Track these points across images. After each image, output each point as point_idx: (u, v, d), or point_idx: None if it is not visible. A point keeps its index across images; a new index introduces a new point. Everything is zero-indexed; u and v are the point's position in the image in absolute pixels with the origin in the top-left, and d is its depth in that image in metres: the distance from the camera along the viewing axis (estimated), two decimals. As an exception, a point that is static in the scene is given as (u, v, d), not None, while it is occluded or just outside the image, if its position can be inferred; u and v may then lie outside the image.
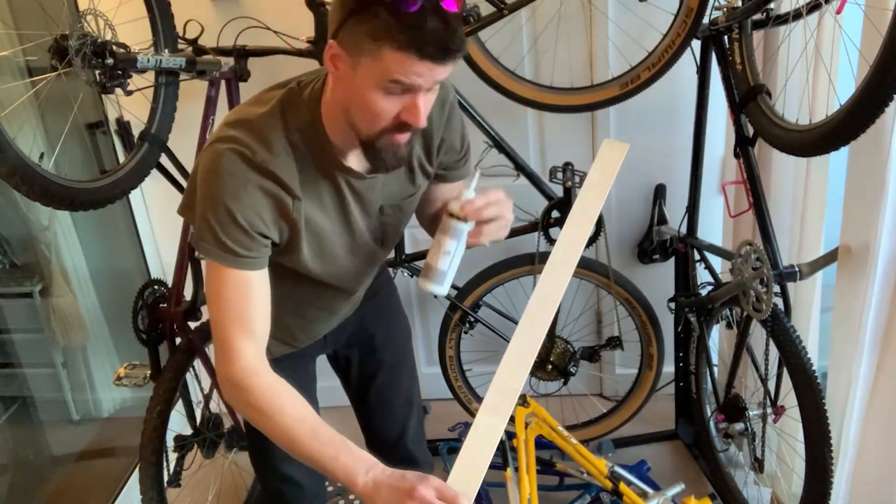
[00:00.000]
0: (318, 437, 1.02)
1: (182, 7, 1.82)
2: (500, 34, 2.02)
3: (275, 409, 1.04)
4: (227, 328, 1.07)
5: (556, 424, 1.83)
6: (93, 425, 2.56)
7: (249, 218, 1.04)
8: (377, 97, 0.97)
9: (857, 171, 1.47)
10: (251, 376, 1.05)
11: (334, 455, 1.01)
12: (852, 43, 1.36)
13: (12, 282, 2.36)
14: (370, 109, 0.99)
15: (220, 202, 1.03)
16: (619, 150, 1.39)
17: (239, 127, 1.05)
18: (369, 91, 0.97)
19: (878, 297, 1.45)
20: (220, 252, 1.05)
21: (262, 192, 1.05)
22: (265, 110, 1.06)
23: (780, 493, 1.96)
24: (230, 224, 1.03)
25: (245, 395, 1.05)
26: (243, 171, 1.03)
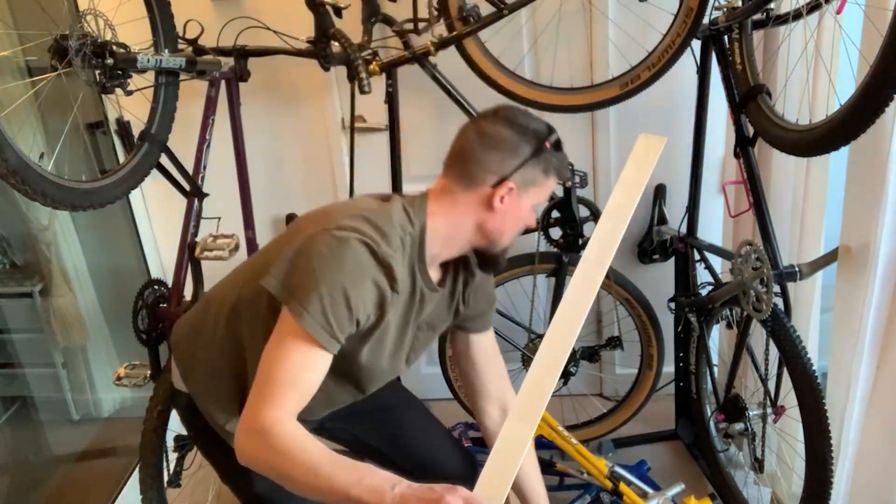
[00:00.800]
0: (339, 465, 1.02)
1: (182, 7, 1.82)
2: (500, 34, 2.02)
3: (297, 448, 1.04)
4: (278, 387, 1.09)
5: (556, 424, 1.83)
6: (93, 425, 2.56)
7: (357, 305, 1.12)
8: (529, 212, 1.27)
9: (857, 171, 1.47)
10: (280, 423, 1.06)
11: (358, 479, 1.00)
12: (852, 43, 1.36)
13: (12, 282, 2.36)
14: (522, 224, 1.27)
15: (341, 284, 1.10)
16: (656, 145, 1.38)
17: (361, 221, 1.15)
18: (528, 211, 1.26)
19: (878, 297, 1.45)
20: (320, 328, 1.10)
21: (375, 284, 1.14)
22: (383, 210, 1.20)
23: (780, 493, 1.96)
24: (342, 306, 1.10)
25: (271, 440, 1.05)
26: (367, 262, 1.12)
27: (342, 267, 1.10)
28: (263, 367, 1.11)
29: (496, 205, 1.21)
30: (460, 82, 1.99)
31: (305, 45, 1.87)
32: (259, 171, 2.33)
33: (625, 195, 1.31)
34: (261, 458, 1.06)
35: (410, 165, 2.34)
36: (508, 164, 1.21)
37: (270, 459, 1.05)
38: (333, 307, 1.09)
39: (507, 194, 1.21)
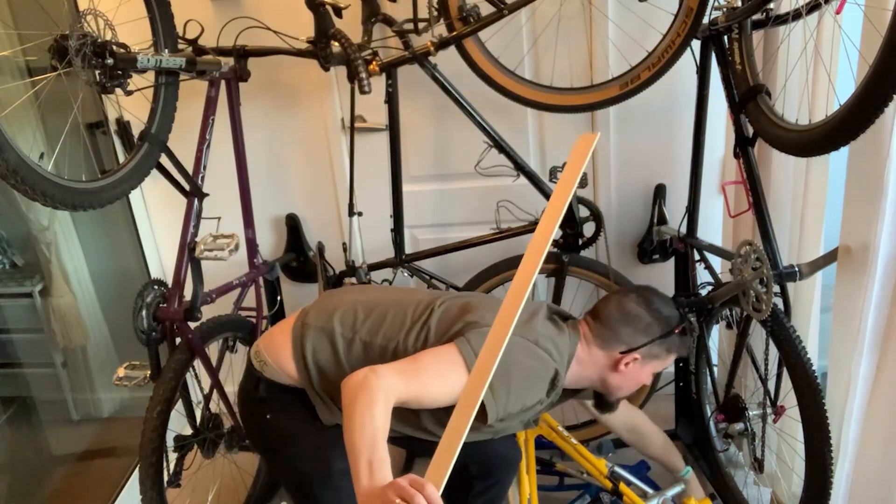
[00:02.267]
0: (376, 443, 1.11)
1: (182, 7, 1.82)
2: (500, 34, 2.02)
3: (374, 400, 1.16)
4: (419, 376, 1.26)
5: (556, 424, 1.83)
6: (93, 425, 2.56)
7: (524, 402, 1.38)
8: (649, 378, 1.54)
9: (857, 171, 1.46)
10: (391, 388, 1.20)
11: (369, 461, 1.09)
12: (852, 43, 1.36)
13: (12, 282, 2.36)
14: (638, 384, 1.54)
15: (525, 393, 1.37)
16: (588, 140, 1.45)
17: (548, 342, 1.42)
18: (646, 376, 1.52)
19: (877, 297, 1.45)
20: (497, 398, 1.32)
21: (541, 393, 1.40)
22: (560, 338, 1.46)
23: (780, 493, 1.96)
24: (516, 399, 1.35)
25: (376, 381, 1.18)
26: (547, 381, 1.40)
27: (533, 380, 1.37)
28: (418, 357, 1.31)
29: (621, 368, 1.47)
30: (460, 82, 1.99)
31: (305, 45, 1.88)
32: (259, 171, 2.33)
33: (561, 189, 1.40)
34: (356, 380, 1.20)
35: (410, 165, 2.35)
36: (638, 340, 1.47)
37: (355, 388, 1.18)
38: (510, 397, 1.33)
39: (633, 362, 1.47)
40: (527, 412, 1.43)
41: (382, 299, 1.54)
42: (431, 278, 2.19)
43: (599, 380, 1.52)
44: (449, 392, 1.27)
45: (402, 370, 1.25)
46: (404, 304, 1.51)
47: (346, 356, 1.45)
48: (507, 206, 2.15)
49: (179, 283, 1.81)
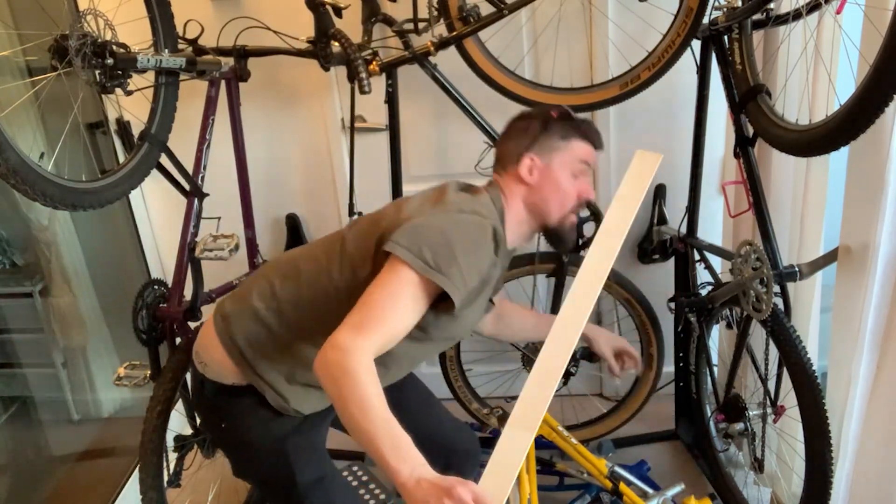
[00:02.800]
0: (390, 422, 1.07)
1: (182, 7, 1.82)
2: (500, 34, 2.02)
3: (364, 381, 1.10)
4: (377, 317, 1.17)
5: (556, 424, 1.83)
6: (93, 425, 2.56)
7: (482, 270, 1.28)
8: (569, 181, 1.41)
9: (857, 171, 1.47)
10: (361, 351, 1.12)
11: (393, 444, 1.05)
12: (852, 43, 1.36)
13: (12, 282, 2.36)
14: (564, 191, 1.40)
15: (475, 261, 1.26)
16: (652, 161, 1.46)
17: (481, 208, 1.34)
18: (565, 179, 1.40)
19: (878, 297, 1.45)
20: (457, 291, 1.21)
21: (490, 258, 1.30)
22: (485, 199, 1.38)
23: (780, 493, 1.96)
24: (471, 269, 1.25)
25: (346, 358, 1.11)
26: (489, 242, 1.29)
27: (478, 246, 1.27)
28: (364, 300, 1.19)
29: (526, 177, 1.39)
30: (460, 82, 1.99)
31: (305, 45, 1.87)
32: (259, 171, 2.33)
33: (622, 211, 1.37)
34: (329, 370, 1.12)
35: (410, 165, 2.34)
36: (523, 143, 1.41)
37: (336, 374, 1.11)
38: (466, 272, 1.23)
39: (533, 166, 1.39)
40: (486, 286, 1.33)
41: (291, 257, 1.47)
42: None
43: (529, 212, 1.42)
44: (413, 310, 1.21)
45: (360, 324, 1.16)
46: (313, 250, 1.44)
47: (281, 327, 1.37)
48: (507, 206, 2.15)
49: (179, 282, 1.81)
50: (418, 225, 1.25)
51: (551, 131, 1.41)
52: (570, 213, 1.42)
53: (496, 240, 1.30)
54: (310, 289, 1.36)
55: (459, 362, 2.33)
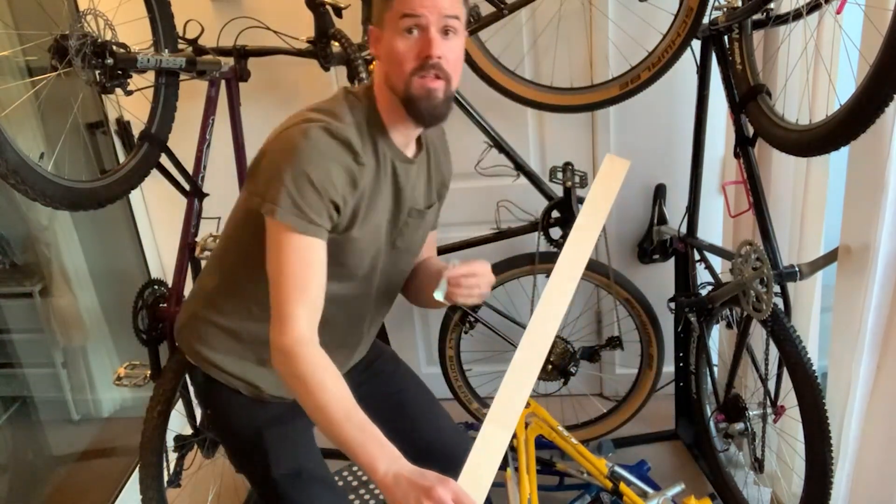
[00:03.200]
0: (352, 419, 1.06)
1: (182, 7, 1.82)
2: (500, 34, 2.02)
3: (318, 383, 1.08)
4: (287, 295, 1.13)
5: (556, 424, 1.83)
6: (93, 425, 2.56)
7: (326, 186, 1.15)
8: (399, 41, 1.16)
9: (857, 171, 1.47)
10: (302, 346, 1.10)
11: (362, 441, 1.04)
12: (852, 43, 1.36)
13: (12, 282, 2.36)
14: (397, 54, 1.17)
15: (302, 170, 1.13)
16: (620, 167, 1.45)
17: (312, 112, 1.19)
18: (394, 41, 1.17)
19: (878, 297, 1.45)
20: (292, 217, 1.13)
21: (339, 163, 1.17)
22: (331, 99, 1.24)
23: (780, 493, 1.96)
24: (308, 189, 1.13)
25: (294, 365, 1.10)
26: (324, 142, 1.15)
27: (300, 154, 1.13)
28: (270, 282, 1.15)
29: (374, 51, 1.24)
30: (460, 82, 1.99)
31: (305, 45, 1.87)
32: (259, 171, 2.32)
33: (592, 213, 1.36)
34: (287, 381, 1.12)
35: (410, 165, 2.35)
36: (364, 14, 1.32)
37: (293, 385, 1.10)
38: (301, 193, 1.12)
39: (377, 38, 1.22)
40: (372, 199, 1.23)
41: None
42: (431, 278, 2.19)
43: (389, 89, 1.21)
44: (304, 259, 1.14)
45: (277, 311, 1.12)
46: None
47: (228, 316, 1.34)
48: (507, 206, 2.15)
49: (179, 283, 1.82)
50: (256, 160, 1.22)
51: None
52: (413, 77, 1.17)
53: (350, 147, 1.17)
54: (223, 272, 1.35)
55: (459, 362, 2.33)
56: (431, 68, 1.16)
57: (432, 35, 1.15)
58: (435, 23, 1.15)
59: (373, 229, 1.27)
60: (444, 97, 1.19)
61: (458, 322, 2.24)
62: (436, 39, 1.15)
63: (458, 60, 1.21)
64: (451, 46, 1.18)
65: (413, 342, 2.64)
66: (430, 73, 1.16)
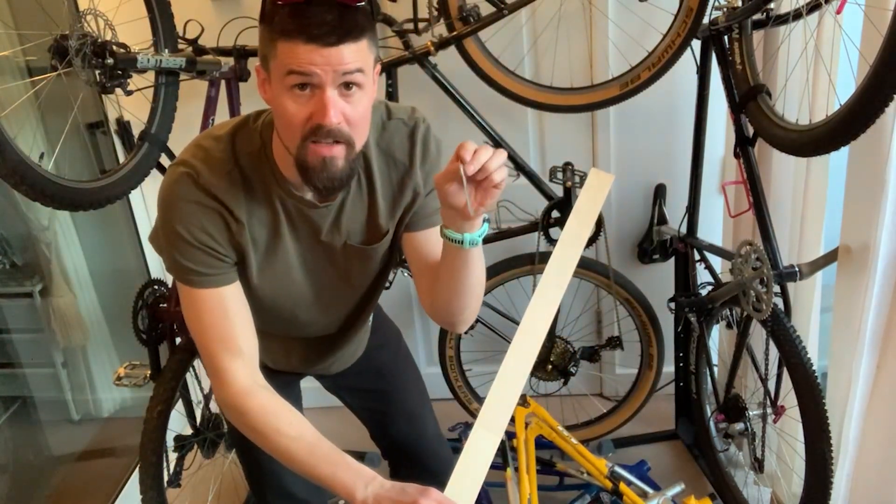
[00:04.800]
0: (316, 454, 1.04)
1: (182, 7, 1.82)
2: (500, 34, 2.02)
3: (271, 430, 1.05)
4: (214, 352, 1.08)
5: (556, 424, 1.83)
6: (93, 425, 2.56)
7: (200, 238, 1.06)
8: (287, 101, 0.96)
9: (857, 171, 1.47)
10: (245, 398, 1.07)
11: (332, 472, 1.02)
12: (852, 43, 1.36)
13: (12, 282, 2.36)
14: (285, 116, 0.97)
15: (173, 227, 1.05)
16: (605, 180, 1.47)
17: (192, 151, 1.07)
18: (281, 97, 0.96)
19: (878, 297, 1.45)
20: (185, 275, 1.07)
21: (211, 212, 1.06)
22: (219, 135, 1.09)
23: (780, 493, 1.96)
24: (185, 245, 1.05)
25: (243, 418, 1.07)
26: (192, 193, 1.04)
27: (169, 209, 1.06)
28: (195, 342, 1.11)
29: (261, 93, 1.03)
30: (460, 82, 1.99)
31: (305, 45, 1.87)
32: (259, 171, 2.33)
33: (578, 224, 1.38)
34: (243, 431, 1.09)
35: (410, 165, 2.34)
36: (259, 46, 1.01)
37: (250, 435, 1.08)
38: (180, 251, 1.06)
39: (265, 81, 1.01)
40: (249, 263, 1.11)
41: None
42: (431, 278, 2.19)
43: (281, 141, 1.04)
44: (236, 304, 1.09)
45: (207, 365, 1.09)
46: None
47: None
48: (507, 206, 2.15)
49: (179, 283, 1.81)
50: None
51: (266, 28, 0.96)
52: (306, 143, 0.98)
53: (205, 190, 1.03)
54: None
55: (459, 362, 2.33)
56: (328, 136, 0.97)
57: (327, 96, 0.94)
58: (331, 81, 0.94)
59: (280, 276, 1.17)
60: (344, 163, 1.00)
61: (458, 322, 2.23)
62: (331, 101, 0.94)
63: (362, 118, 1.00)
64: (354, 103, 0.97)
65: (413, 342, 2.64)
66: (326, 140, 0.97)
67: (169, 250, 1.07)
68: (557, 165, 2.02)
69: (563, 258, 1.32)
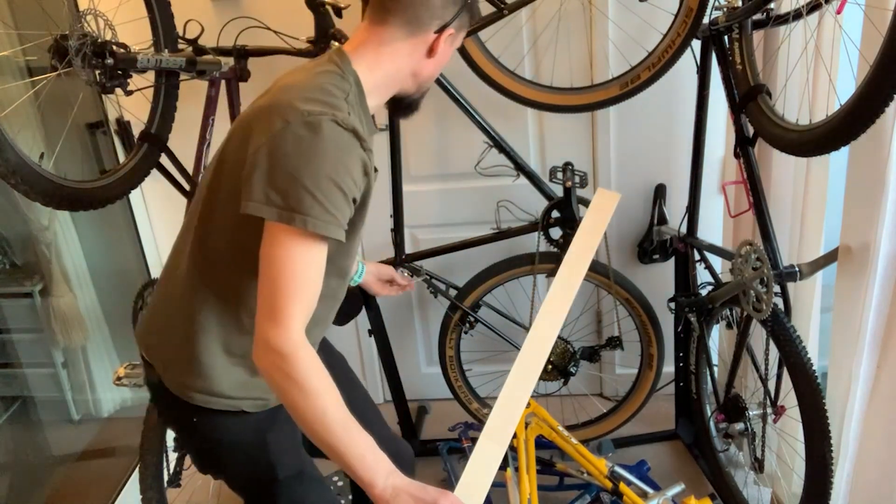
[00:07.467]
0: (350, 430, 1.02)
1: (182, 7, 1.82)
2: (500, 34, 2.02)
3: (316, 389, 1.02)
4: (288, 295, 1.04)
5: (556, 424, 1.83)
6: (93, 425, 2.56)
7: (349, 185, 1.07)
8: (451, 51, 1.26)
9: (857, 171, 1.47)
10: (299, 348, 1.03)
11: (361, 453, 1.02)
12: (852, 43, 1.36)
13: (12, 282, 2.36)
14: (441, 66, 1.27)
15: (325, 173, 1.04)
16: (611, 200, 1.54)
17: (306, 101, 1.08)
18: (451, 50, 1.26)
19: (878, 297, 1.45)
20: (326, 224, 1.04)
21: (354, 155, 1.08)
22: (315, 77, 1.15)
23: (780, 493, 1.96)
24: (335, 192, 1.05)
25: (287, 366, 1.02)
26: (338, 137, 1.06)
27: (318, 154, 1.05)
28: (266, 280, 1.06)
29: (438, 49, 1.22)
30: (460, 82, 1.99)
31: (305, 45, 1.87)
32: (259, 171, 2.33)
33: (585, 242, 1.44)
34: (275, 379, 1.04)
35: (410, 165, 2.34)
36: (450, 10, 1.20)
37: (284, 386, 1.03)
38: (329, 197, 1.04)
39: (447, 38, 1.22)
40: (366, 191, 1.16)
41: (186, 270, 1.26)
42: (432, 278, 2.19)
43: (410, 77, 1.24)
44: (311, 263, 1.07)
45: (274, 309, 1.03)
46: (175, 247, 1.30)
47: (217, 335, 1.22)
48: (507, 206, 2.15)
49: (179, 283, 1.81)
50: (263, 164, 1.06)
51: (469, 8, 1.23)
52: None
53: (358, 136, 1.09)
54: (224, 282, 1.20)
55: (459, 362, 2.33)
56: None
57: None
58: None
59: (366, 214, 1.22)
60: None
61: (457, 322, 2.24)
62: None
63: None
64: None
65: (413, 342, 2.64)
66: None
67: (312, 198, 1.03)
68: (557, 165, 2.02)
69: (568, 276, 1.36)
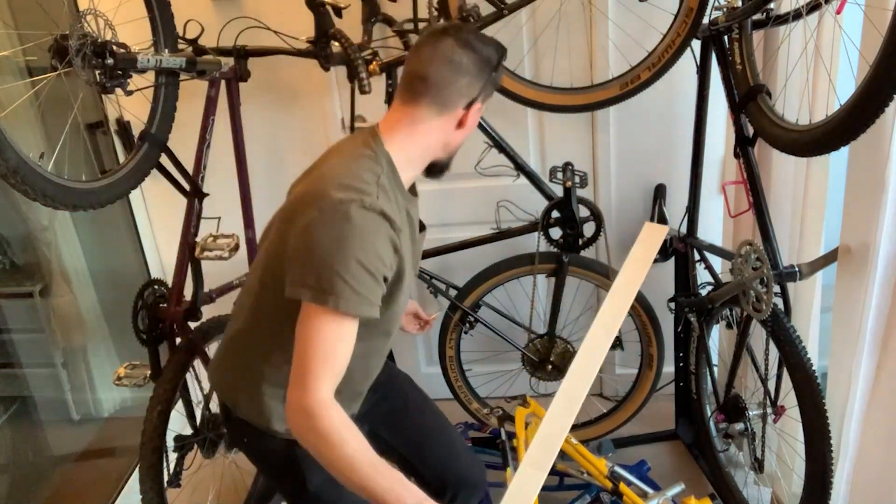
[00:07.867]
0: (378, 468, 1.11)
1: (182, 7, 1.82)
2: (500, 34, 2.02)
3: (342, 439, 1.11)
4: (317, 364, 1.14)
5: (556, 424, 1.83)
6: (93, 425, 2.56)
7: (377, 266, 1.17)
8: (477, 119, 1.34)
9: (857, 171, 1.47)
10: (325, 408, 1.12)
11: (389, 486, 1.09)
12: (852, 43, 1.36)
13: (12, 282, 2.36)
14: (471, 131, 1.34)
15: (353, 257, 1.14)
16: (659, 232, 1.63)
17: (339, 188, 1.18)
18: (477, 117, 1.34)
19: (878, 297, 1.45)
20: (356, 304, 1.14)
21: (382, 235, 1.17)
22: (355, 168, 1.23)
23: (780, 493, 1.96)
24: (364, 274, 1.14)
25: (315, 423, 1.12)
26: (365, 220, 1.15)
27: (346, 240, 1.14)
28: (299, 348, 1.16)
29: (467, 122, 1.31)
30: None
31: (305, 45, 1.87)
32: (259, 171, 2.33)
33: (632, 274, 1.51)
34: (305, 438, 1.14)
35: (410, 165, 2.34)
36: (476, 87, 1.29)
37: (313, 441, 1.13)
38: (357, 280, 1.13)
39: (473, 113, 1.32)
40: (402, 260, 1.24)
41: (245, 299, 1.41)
42: (432, 278, 2.19)
43: (441, 149, 1.33)
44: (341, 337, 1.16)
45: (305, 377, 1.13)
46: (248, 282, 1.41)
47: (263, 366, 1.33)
48: (507, 206, 2.15)
49: (179, 283, 1.82)
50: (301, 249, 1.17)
51: (493, 79, 1.32)
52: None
53: (387, 218, 1.18)
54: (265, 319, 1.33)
55: (459, 362, 2.33)
56: None
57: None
58: None
59: (409, 283, 1.31)
60: None
61: (457, 322, 2.24)
62: None
63: None
64: None
65: (413, 342, 2.64)
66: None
67: (342, 281, 1.13)
68: (557, 165, 2.02)
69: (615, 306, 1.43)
